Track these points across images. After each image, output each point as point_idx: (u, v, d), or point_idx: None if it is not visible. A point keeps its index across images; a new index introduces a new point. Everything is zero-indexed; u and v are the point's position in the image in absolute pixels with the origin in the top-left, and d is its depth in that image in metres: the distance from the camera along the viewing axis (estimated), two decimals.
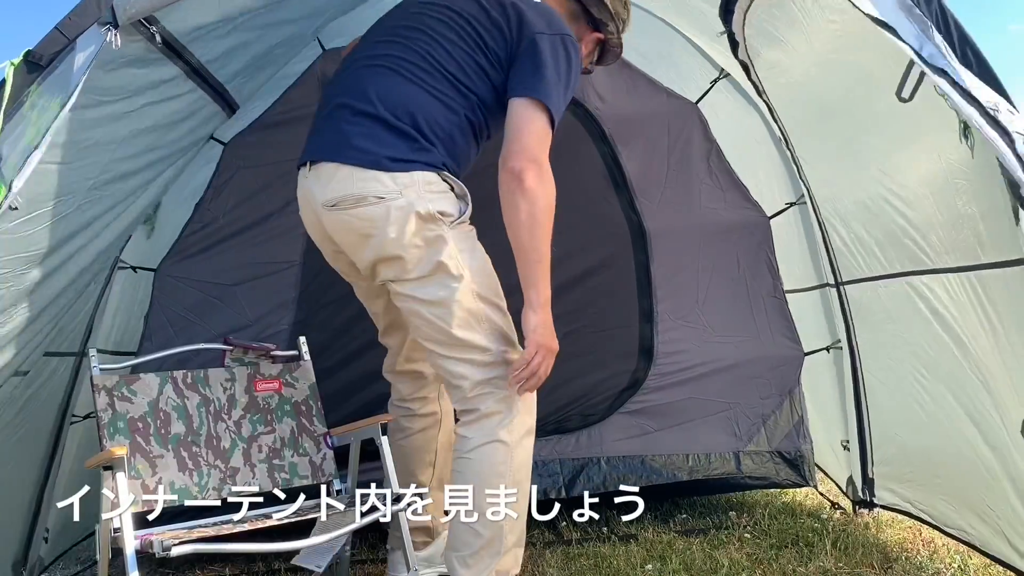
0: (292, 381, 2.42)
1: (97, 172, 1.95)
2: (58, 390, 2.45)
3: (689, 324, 2.97)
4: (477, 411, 1.92)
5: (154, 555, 1.69)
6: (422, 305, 1.91)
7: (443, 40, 1.94)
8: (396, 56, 1.94)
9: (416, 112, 1.88)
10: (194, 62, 2.10)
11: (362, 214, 1.87)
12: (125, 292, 2.70)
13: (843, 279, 2.79)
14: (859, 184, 2.45)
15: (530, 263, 1.87)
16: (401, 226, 1.84)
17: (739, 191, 3.02)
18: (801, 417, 2.99)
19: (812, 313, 3.03)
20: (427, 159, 1.87)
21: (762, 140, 2.99)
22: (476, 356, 1.91)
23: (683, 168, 3.01)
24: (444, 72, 1.92)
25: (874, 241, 2.48)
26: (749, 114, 2.97)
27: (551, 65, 1.87)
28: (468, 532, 1.89)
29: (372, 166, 1.85)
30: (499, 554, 1.89)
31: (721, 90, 3.00)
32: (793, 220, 3.02)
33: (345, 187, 1.87)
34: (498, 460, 1.88)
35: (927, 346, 2.33)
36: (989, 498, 2.12)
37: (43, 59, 1.67)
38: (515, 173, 1.83)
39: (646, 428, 2.91)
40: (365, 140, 1.87)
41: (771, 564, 2.39)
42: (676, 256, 2.99)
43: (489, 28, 1.94)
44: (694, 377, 2.95)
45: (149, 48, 1.87)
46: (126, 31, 1.73)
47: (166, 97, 2.10)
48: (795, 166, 2.87)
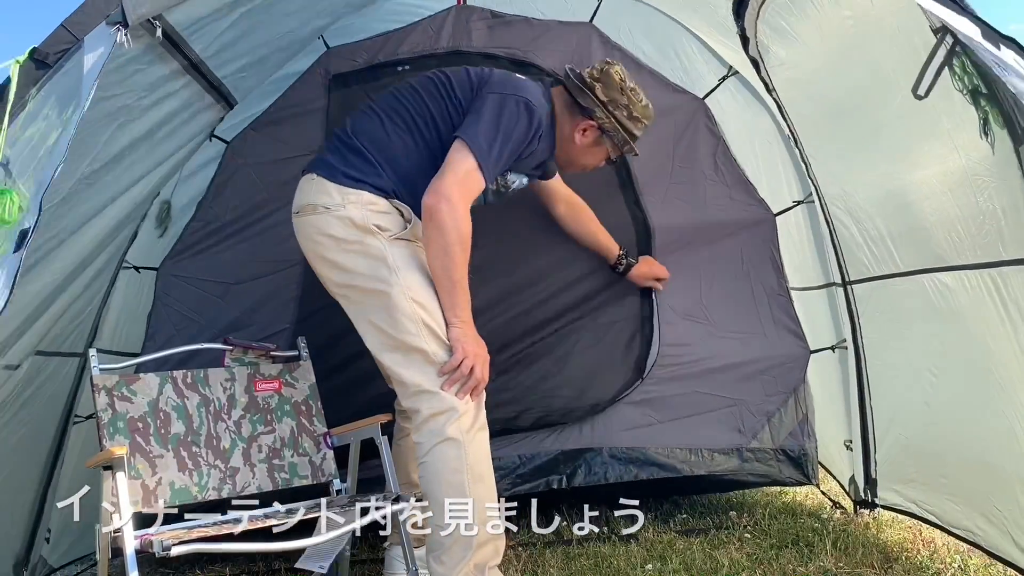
0: (292, 381, 2.43)
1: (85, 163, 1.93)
2: (62, 391, 2.45)
3: (694, 320, 2.96)
4: (419, 413, 2.00)
5: (154, 555, 1.69)
6: (362, 310, 2.09)
7: (424, 93, 2.21)
8: (382, 104, 2.23)
9: (381, 146, 2.14)
10: (193, 57, 2.09)
11: (312, 221, 2.10)
12: (130, 292, 2.70)
13: (851, 278, 2.78)
14: (873, 181, 2.45)
15: (444, 288, 2.05)
16: (339, 233, 2.06)
17: (745, 188, 3.00)
18: (806, 415, 2.98)
19: (819, 312, 3.02)
20: (378, 183, 2.10)
21: (770, 138, 2.98)
22: (415, 357, 2.02)
23: (689, 164, 2.99)
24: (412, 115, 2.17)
25: (889, 238, 2.47)
26: (757, 112, 2.96)
27: (489, 118, 2.09)
28: (438, 532, 1.97)
29: (329, 179, 2.10)
30: (471, 548, 1.94)
31: (729, 88, 2.99)
32: (801, 218, 3.01)
33: (307, 197, 2.12)
34: (451, 457, 1.95)
35: (938, 345, 2.32)
36: (997, 498, 2.11)
37: (49, 58, 1.66)
38: (428, 208, 2.02)
39: (650, 419, 2.89)
40: (333, 158, 2.14)
41: (771, 564, 2.39)
42: (681, 252, 2.97)
43: (463, 84, 2.21)
44: (698, 372, 2.93)
45: (151, 43, 1.87)
46: (134, 30, 1.72)
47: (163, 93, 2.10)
48: (804, 164, 2.86)
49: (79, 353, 2.46)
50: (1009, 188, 1.74)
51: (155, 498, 2.10)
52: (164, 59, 2.00)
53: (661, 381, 2.92)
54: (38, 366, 2.24)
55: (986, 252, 1.95)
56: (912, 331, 2.47)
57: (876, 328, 2.73)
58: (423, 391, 2.00)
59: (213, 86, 2.34)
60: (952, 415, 2.30)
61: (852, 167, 2.56)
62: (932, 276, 2.23)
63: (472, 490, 1.96)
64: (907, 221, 2.32)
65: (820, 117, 2.63)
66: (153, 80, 2.01)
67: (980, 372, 2.10)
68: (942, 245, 2.14)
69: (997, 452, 2.09)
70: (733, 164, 3.00)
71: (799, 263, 3.05)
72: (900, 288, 2.45)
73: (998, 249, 1.90)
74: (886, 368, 2.70)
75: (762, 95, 2.87)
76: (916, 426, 2.56)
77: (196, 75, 2.18)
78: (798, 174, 2.96)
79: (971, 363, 2.13)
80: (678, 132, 2.99)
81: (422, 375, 2.00)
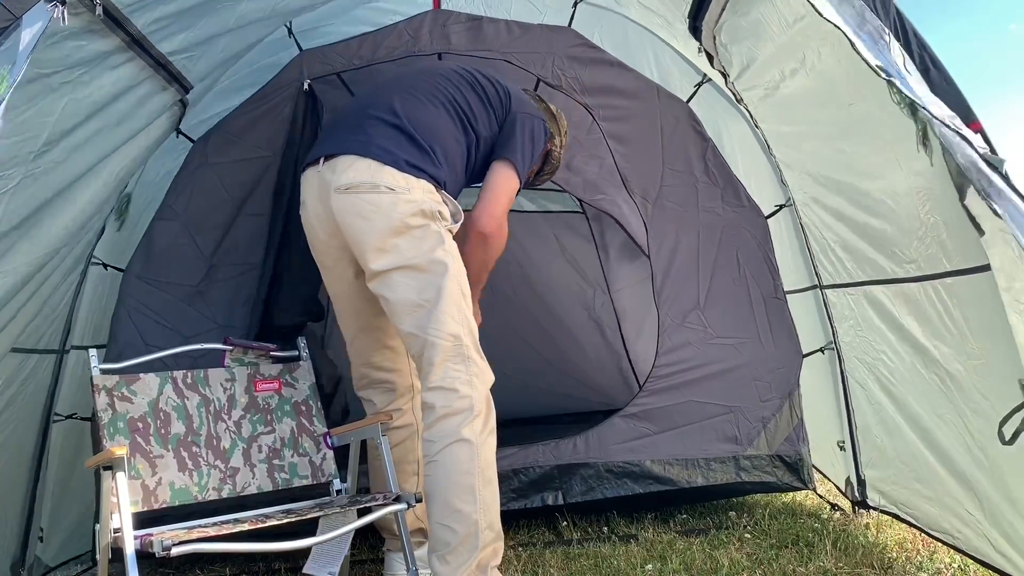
0: (292, 381, 2.42)
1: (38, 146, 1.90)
2: (41, 389, 2.43)
3: (690, 326, 2.94)
4: (433, 409, 2.00)
5: (154, 555, 1.68)
6: (405, 290, 2.07)
7: (463, 87, 2.33)
8: (423, 89, 2.29)
9: (433, 134, 2.20)
10: (134, 32, 2.05)
11: (372, 199, 2.08)
12: (98, 288, 2.67)
13: (823, 283, 2.81)
14: (829, 191, 2.47)
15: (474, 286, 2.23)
16: (406, 216, 2.07)
17: (737, 190, 3.00)
18: (800, 420, 2.96)
19: (807, 314, 3.03)
20: (435, 174, 2.17)
21: (750, 144, 2.99)
22: (448, 344, 2.03)
23: (679, 167, 2.99)
24: (459, 111, 2.28)
25: (841, 249, 2.50)
26: (735, 119, 2.97)
27: (523, 140, 2.32)
28: (445, 531, 1.95)
29: (390, 164, 2.11)
30: (477, 548, 1.95)
31: (705, 95, 3.00)
32: (784, 223, 3.02)
33: (362, 175, 2.10)
34: (464, 458, 1.96)
35: (890, 354, 2.35)
36: (966, 501, 2.12)
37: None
38: (486, 235, 2.25)
39: (644, 431, 2.88)
40: (388, 142, 2.14)
41: (771, 564, 2.39)
42: (675, 257, 2.98)
43: (494, 95, 2.37)
44: (694, 380, 2.92)
45: (91, 20, 1.85)
46: (71, 5, 1.71)
47: (104, 67, 2.06)
48: (777, 170, 2.88)
49: (55, 350, 2.44)
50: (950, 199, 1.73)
51: (155, 498, 2.09)
52: (104, 35, 1.96)
53: (656, 392, 2.91)
54: (17, 365, 2.21)
55: (931, 264, 1.98)
56: (870, 339, 2.49)
57: (845, 333, 2.75)
58: (442, 388, 2.00)
59: (160, 64, 2.26)
60: (916, 420, 2.32)
61: (814, 175, 2.57)
62: (879, 288, 2.27)
63: (481, 493, 1.96)
64: (859, 234, 2.34)
65: (784, 125, 2.64)
66: (92, 56, 1.96)
67: (933, 381, 2.12)
68: (889, 258, 2.17)
69: (959, 456, 2.10)
70: (723, 166, 3.00)
71: (786, 266, 3.05)
72: (854, 298, 2.49)
73: (941, 260, 1.91)
74: (858, 372, 2.71)
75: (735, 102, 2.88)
76: (886, 431, 2.56)
77: (139, 50, 2.12)
78: (778, 179, 2.96)
79: (923, 372, 2.15)
80: (667, 135, 2.98)
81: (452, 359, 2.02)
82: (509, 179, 2.28)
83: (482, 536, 1.95)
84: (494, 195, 2.27)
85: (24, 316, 2.14)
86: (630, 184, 2.98)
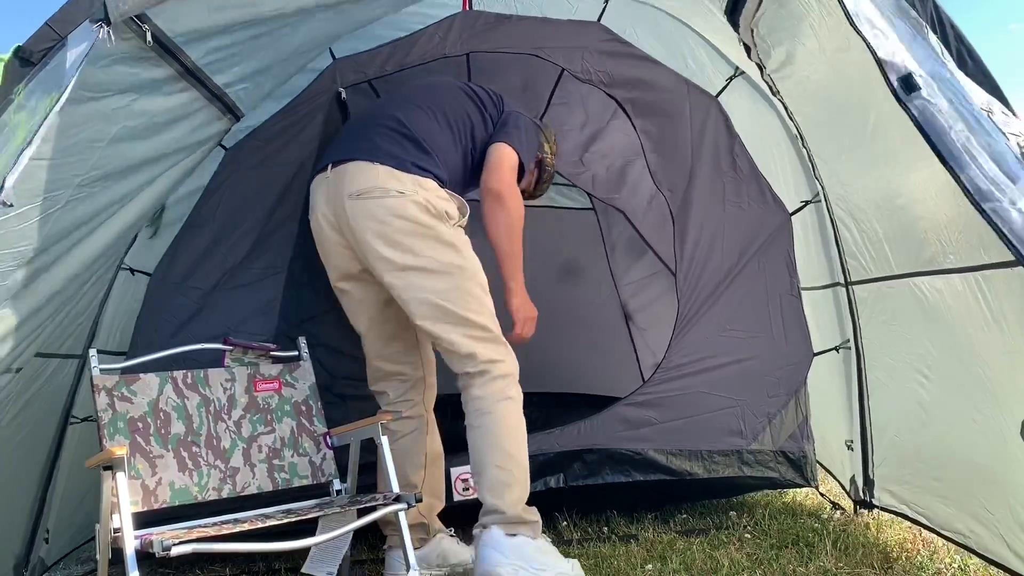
0: (292, 381, 2.43)
1: (86, 169, 1.93)
2: (61, 392, 2.44)
3: (704, 317, 2.95)
4: (487, 374, 2.24)
5: (154, 555, 1.69)
6: (423, 289, 2.23)
7: (459, 98, 2.49)
8: (423, 102, 2.45)
9: (434, 141, 2.36)
10: (189, 64, 2.08)
11: (384, 203, 2.23)
12: (125, 294, 2.68)
13: (852, 279, 2.79)
14: (870, 183, 2.45)
15: (510, 260, 2.40)
16: (415, 217, 2.22)
17: (761, 186, 3.00)
18: (806, 418, 2.96)
19: (824, 312, 3.02)
20: (438, 174, 2.33)
21: (779, 138, 2.98)
22: (479, 333, 2.25)
23: (707, 161, 2.99)
24: (456, 120, 2.43)
25: (885, 241, 2.47)
26: (766, 112, 2.96)
27: (522, 129, 2.49)
28: (502, 473, 2.18)
29: (398, 167, 2.26)
30: (527, 488, 2.22)
31: (737, 88, 3.00)
32: (809, 218, 3.01)
33: (374, 181, 2.25)
34: (513, 411, 2.25)
35: (931, 347, 2.32)
36: (988, 501, 2.11)
37: (33, 55, 1.66)
38: (495, 192, 2.36)
39: (649, 420, 2.88)
40: (395, 148, 2.30)
41: (771, 564, 2.39)
42: (697, 249, 2.98)
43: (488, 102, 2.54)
44: (703, 370, 2.92)
45: (141, 47, 1.86)
46: (118, 29, 1.72)
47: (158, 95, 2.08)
48: (811, 164, 2.86)
49: (78, 355, 2.46)
50: None
51: (155, 498, 2.10)
52: (157, 63, 1.97)
53: (664, 380, 2.91)
54: (38, 368, 2.23)
55: (970, 256, 1.97)
56: (906, 333, 2.47)
57: (874, 329, 2.74)
58: (489, 359, 2.24)
59: (215, 95, 2.30)
60: (944, 417, 2.30)
61: (852, 168, 2.57)
62: (923, 279, 2.25)
63: (525, 443, 2.25)
64: (901, 224, 2.33)
65: (823, 117, 2.63)
66: (145, 83, 1.98)
67: (970, 375, 2.10)
68: (931, 248, 2.15)
69: (987, 454, 2.09)
70: (750, 162, 3.01)
71: (806, 262, 3.05)
72: (894, 290, 2.46)
73: (980, 253, 1.90)
74: (883, 370, 2.70)
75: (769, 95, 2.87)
76: (910, 428, 2.56)
77: (194, 80, 2.15)
78: (806, 174, 2.96)
79: (961, 365, 2.13)
80: (696, 129, 2.99)
81: (484, 347, 2.25)
82: (507, 152, 2.40)
83: (526, 483, 2.22)
84: (494, 162, 2.39)
85: (50, 323, 2.16)
86: (657, 176, 2.99)
